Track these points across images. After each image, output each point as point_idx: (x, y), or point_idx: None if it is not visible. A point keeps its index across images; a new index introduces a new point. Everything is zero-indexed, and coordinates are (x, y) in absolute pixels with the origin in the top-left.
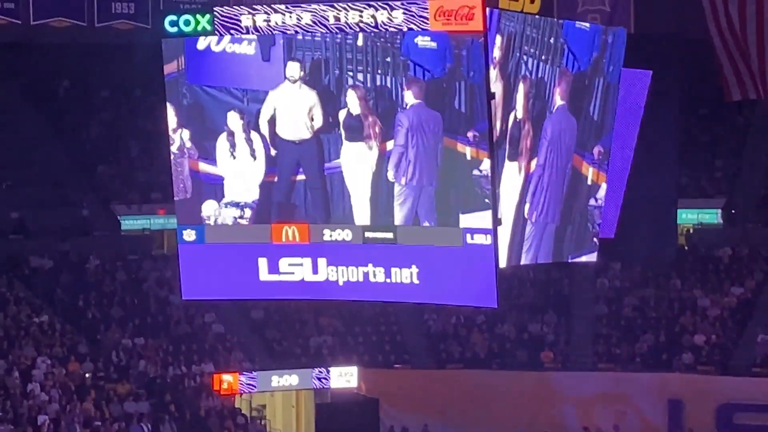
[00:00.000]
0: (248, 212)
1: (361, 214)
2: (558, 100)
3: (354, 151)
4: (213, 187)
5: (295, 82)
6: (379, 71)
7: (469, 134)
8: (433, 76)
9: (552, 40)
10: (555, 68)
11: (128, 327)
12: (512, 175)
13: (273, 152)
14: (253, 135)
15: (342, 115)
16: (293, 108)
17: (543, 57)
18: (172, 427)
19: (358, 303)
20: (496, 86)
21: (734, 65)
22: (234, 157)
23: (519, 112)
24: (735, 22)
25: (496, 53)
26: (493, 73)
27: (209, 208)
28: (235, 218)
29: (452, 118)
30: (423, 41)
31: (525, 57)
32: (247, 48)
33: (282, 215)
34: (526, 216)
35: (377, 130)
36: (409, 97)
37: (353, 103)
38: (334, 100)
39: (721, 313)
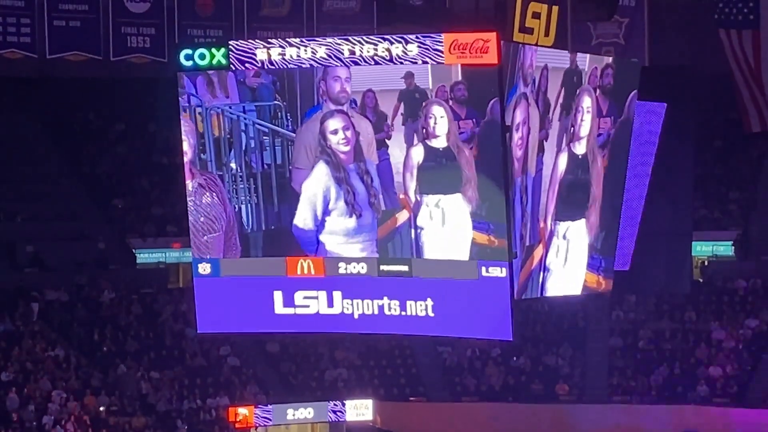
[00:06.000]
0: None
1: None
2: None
3: None
4: None
5: None
6: None
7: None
8: None
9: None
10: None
11: (143, 360)
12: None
13: None
14: None
15: None
16: None
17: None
18: None
19: (374, 336)
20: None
21: (753, 97)
22: None
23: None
24: (750, 57)
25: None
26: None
27: None
28: None
29: None
30: None
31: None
32: None
33: None
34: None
35: None
36: None
37: None
38: None
39: (736, 345)
